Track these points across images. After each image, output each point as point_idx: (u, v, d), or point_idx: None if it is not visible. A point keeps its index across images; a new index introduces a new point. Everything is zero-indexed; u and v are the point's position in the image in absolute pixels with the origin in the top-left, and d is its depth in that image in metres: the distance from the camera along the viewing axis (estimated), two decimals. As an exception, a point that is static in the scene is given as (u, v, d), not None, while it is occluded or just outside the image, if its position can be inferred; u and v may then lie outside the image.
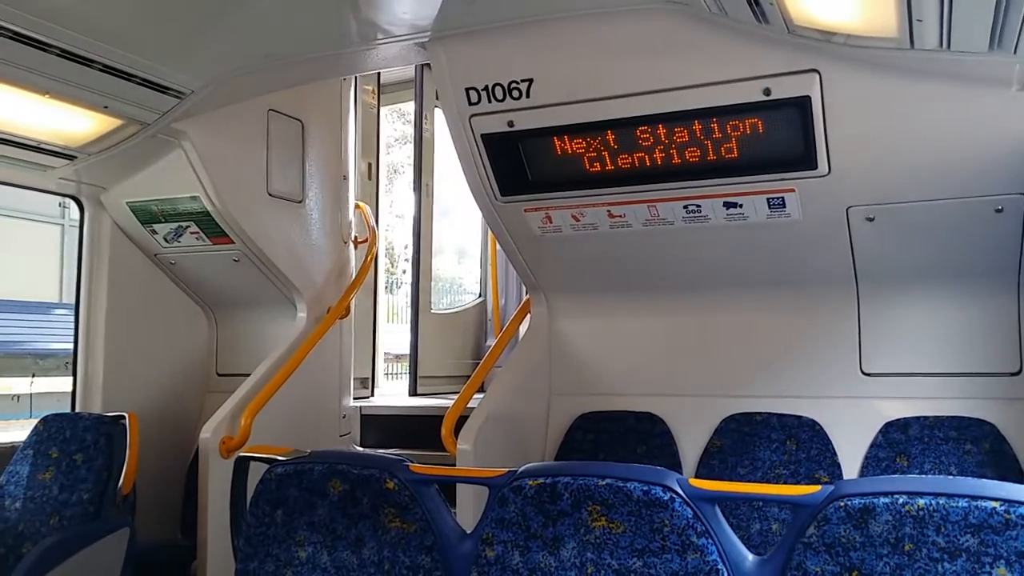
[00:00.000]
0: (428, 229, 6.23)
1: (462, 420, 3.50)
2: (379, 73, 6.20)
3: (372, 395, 5.90)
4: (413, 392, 5.93)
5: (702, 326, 3.75)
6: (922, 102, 2.79)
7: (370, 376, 5.93)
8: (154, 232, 4.41)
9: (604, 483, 1.79)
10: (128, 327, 4.41)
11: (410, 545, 1.98)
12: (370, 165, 6.08)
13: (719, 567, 1.67)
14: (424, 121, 6.20)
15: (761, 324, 3.63)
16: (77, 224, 4.47)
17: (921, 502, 1.52)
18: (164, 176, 4.11)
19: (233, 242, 4.30)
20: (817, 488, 1.66)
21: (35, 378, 11.91)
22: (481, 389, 4.20)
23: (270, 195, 4.38)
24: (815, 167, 3.03)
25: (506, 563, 1.86)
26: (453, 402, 3.75)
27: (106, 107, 3.50)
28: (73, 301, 4.41)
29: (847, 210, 3.16)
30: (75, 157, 3.92)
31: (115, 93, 3.41)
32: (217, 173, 4.02)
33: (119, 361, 4.34)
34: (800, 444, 3.38)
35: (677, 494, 1.73)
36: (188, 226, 4.31)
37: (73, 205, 4.42)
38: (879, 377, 3.42)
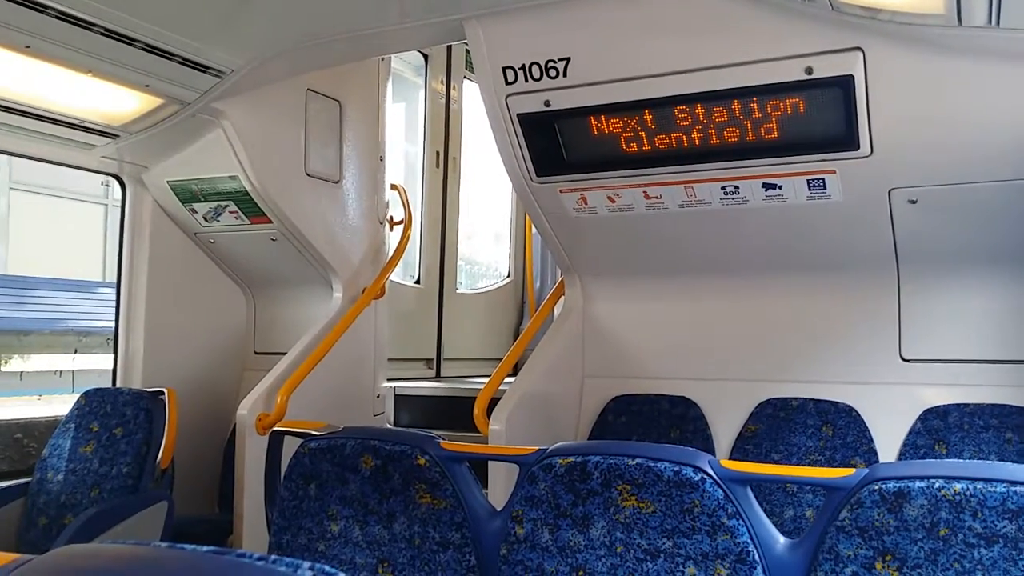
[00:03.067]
0: (455, 207, 6.22)
1: (495, 401, 3.50)
2: (450, 59, 6.18)
3: (438, 375, 5.93)
4: (437, 374, 5.95)
5: (738, 310, 3.70)
6: (969, 81, 2.72)
7: (434, 357, 5.97)
8: (194, 211, 4.46)
9: (635, 463, 1.78)
10: (168, 305, 4.48)
11: (440, 521, 1.99)
12: (438, 153, 6.08)
13: (749, 549, 1.65)
14: (452, 91, 6.19)
15: (798, 308, 3.58)
16: (119, 203, 4.54)
17: (958, 486, 1.49)
18: (204, 155, 4.15)
19: (271, 222, 4.34)
20: (851, 471, 1.64)
21: (77, 354, 12.17)
22: (515, 371, 4.20)
23: (308, 175, 4.40)
24: (857, 148, 2.97)
25: (535, 541, 1.86)
26: (485, 383, 3.76)
27: (147, 86, 3.54)
28: (115, 280, 4.49)
29: (889, 192, 3.10)
30: (117, 136, 3.98)
31: (156, 72, 3.44)
32: (255, 153, 4.05)
33: (159, 338, 4.41)
34: (836, 430, 3.34)
35: (708, 475, 1.72)
36: (227, 205, 4.36)
37: (115, 184, 4.49)
38: (919, 363, 3.35)
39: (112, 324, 4.45)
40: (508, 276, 6.96)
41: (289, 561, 0.87)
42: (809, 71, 2.84)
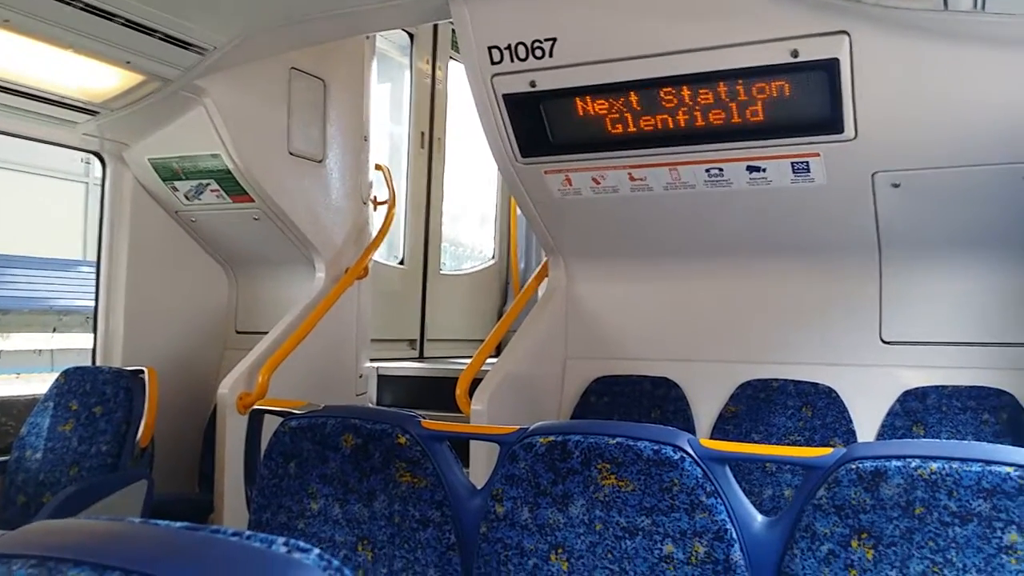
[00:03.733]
0: (439, 188, 6.20)
1: (478, 382, 3.51)
2: (436, 39, 6.13)
3: (421, 356, 5.92)
4: (420, 355, 5.94)
5: (721, 291, 3.72)
6: (954, 66, 2.73)
7: (418, 338, 5.96)
8: (175, 189, 4.42)
9: (615, 442, 1.79)
10: (148, 283, 4.44)
11: (420, 499, 1.99)
12: (423, 134, 6.04)
13: (727, 527, 1.66)
14: (437, 71, 6.14)
15: (780, 290, 3.59)
16: (100, 182, 4.49)
17: (934, 466, 1.51)
18: (186, 133, 4.11)
19: (253, 200, 4.31)
20: (829, 451, 1.65)
21: (56, 333, 12.07)
22: (498, 351, 4.20)
23: (291, 154, 4.37)
24: (842, 131, 2.98)
25: (515, 519, 1.87)
26: (468, 364, 3.76)
27: (129, 62, 3.49)
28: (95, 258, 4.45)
29: (873, 176, 3.11)
30: (98, 112, 3.93)
31: (138, 48, 3.40)
32: (238, 131, 4.02)
33: (139, 317, 4.39)
34: (816, 411, 3.36)
35: (687, 453, 1.73)
36: (209, 184, 4.32)
37: (96, 162, 4.44)
38: (898, 345, 3.38)
39: (92, 303, 4.42)
40: (493, 258, 6.95)
41: (263, 537, 0.87)
42: (795, 54, 2.84)
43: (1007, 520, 1.44)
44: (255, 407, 2.48)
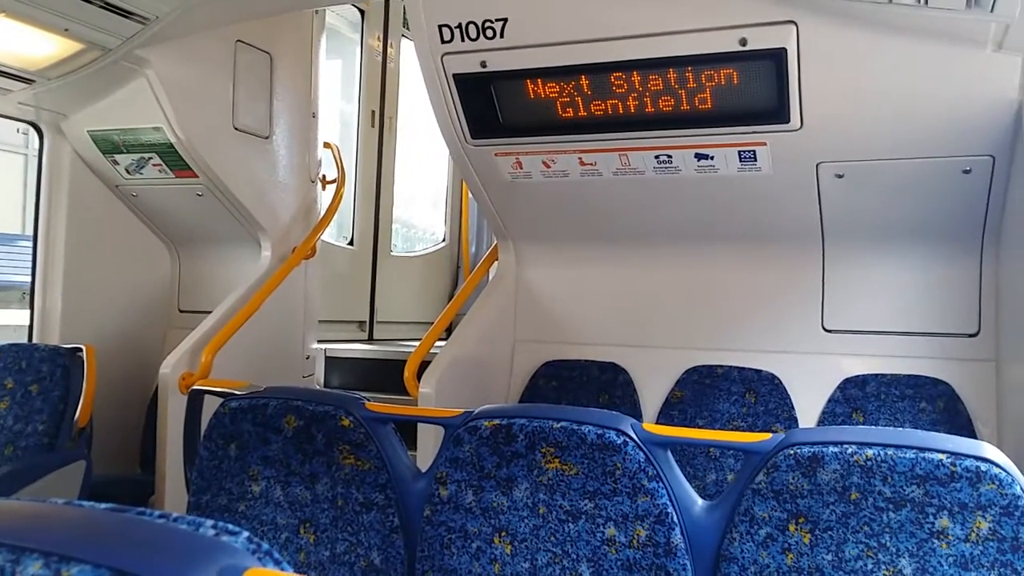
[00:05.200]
0: (390, 168, 6.14)
1: (427, 365, 3.49)
2: (387, 17, 6.04)
3: (371, 339, 5.87)
4: (370, 337, 5.90)
5: (669, 278, 3.75)
6: (897, 59, 2.77)
7: (367, 320, 5.90)
8: (116, 163, 4.30)
9: (559, 426, 1.79)
10: (88, 259, 4.33)
11: (364, 482, 1.97)
12: (373, 112, 5.96)
13: (668, 510, 1.68)
14: (389, 49, 6.07)
15: (727, 278, 3.64)
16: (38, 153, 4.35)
17: (869, 452, 1.54)
18: (127, 105, 3.99)
19: (197, 176, 4.21)
20: (768, 436, 1.67)
21: (-10, 310, 11.72)
22: (448, 335, 4.19)
23: (236, 129, 4.28)
24: (788, 120, 3.01)
25: (459, 502, 1.86)
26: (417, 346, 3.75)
27: (66, 30, 3.37)
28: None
29: (817, 166, 3.15)
30: (34, 81, 3.79)
31: (76, 15, 3.28)
32: (181, 104, 3.92)
33: (78, 294, 4.27)
34: (759, 397, 3.42)
35: (630, 438, 1.73)
36: (151, 158, 4.21)
37: (34, 133, 4.30)
38: (840, 334, 3.45)
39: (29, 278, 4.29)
40: (444, 240, 6.91)
41: (191, 519, 0.85)
42: (743, 42, 2.85)
43: (939, 506, 1.48)
44: (194, 387, 2.43)
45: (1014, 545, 1.43)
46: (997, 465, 1.46)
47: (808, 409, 3.38)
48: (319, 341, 4.90)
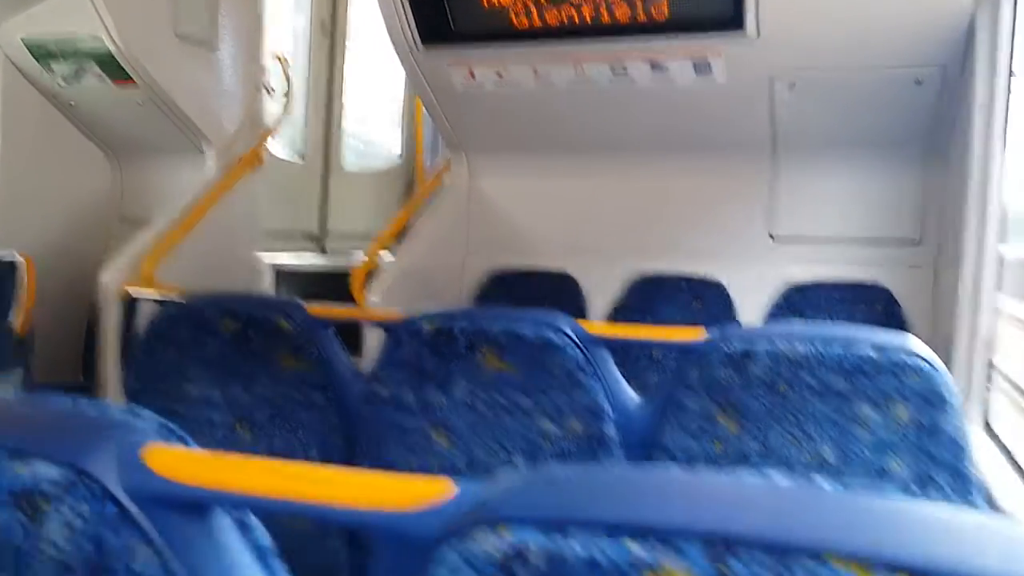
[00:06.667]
0: (341, 80, 5.97)
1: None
2: None
3: (324, 252, 5.82)
4: (322, 250, 5.84)
5: (621, 188, 3.74)
6: None
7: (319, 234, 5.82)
8: (51, 71, 4.12)
9: (499, 327, 1.79)
10: (22, 169, 4.17)
11: (304, 383, 1.96)
12: (323, 21, 5.75)
13: (604, 406, 1.70)
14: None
15: (678, 188, 3.64)
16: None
17: (799, 348, 1.56)
18: (62, 11, 3.80)
19: (137, 85, 4.06)
20: (701, 330, 1.69)
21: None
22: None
23: (177, 36, 4.11)
24: (743, 28, 2.97)
25: (399, 401, 1.87)
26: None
27: (-10, -77, 3.19)
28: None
29: (771, 76, 3.13)
30: (-41, -20, 3.60)
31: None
32: (119, 10, 3.75)
33: (12, 203, 4.13)
34: (705, 304, 3.46)
35: (569, 337, 1.74)
36: (89, 66, 4.04)
37: (-37, 38, 4.09)
38: (786, 242, 3.49)
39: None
40: (400, 155, 6.79)
41: (100, 403, 0.84)
42: (699, -54, 2.80)
43: (863, 396, 1.51)
44: (130, 293, 2.38)
45: (931, 431, 1.47)
46: (921, 357, 1.49)
47: (752, 315, 3.43)
48: (268, 253, 4.83)
